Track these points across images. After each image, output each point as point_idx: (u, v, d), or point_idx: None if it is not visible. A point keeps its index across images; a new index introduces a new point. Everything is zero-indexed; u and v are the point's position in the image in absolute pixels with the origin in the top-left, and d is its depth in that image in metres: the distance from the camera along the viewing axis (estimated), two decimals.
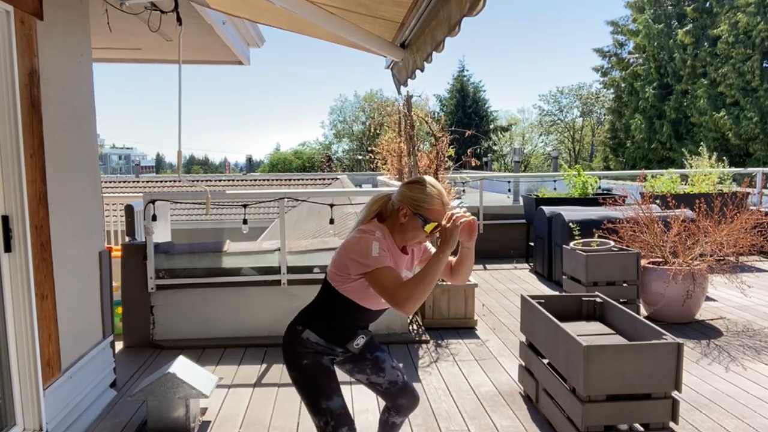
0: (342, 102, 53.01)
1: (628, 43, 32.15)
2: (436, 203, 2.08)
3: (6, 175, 2.70)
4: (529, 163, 44.86)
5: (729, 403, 3.49)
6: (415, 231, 2.10)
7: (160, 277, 4.68)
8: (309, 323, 2.17)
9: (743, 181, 7.44)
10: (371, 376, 2.32)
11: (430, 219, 2.07)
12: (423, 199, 2.08)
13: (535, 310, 3.48)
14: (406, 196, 2.11)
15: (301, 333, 2.16)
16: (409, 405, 2.38)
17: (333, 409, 2.10)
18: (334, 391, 2.14)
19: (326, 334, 2.15)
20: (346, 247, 2.09)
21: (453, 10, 2.40)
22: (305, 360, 2.14)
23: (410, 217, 2.08)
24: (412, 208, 2.08)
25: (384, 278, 1.99)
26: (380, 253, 2.01)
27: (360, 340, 2.21)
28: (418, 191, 2.10)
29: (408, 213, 2.09)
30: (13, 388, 2.75)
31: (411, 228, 2.10)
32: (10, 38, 2.66)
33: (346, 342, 2.19)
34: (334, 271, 2.12)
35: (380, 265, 2.00)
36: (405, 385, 2.36)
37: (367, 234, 2.07)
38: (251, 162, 35.60)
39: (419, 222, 2.07)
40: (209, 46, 5.07)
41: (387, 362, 2.34)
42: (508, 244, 8.54)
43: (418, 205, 2.08)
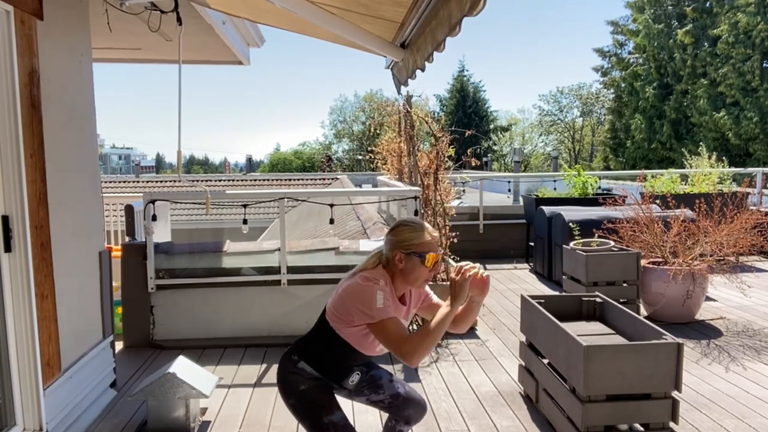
0: (342, 102, 53.03)
1: (628, 43, 32.16)
2: (424, 236, 2.10)
3: (6, 175, 2.70)
4: (529, 163, 44.85)
5: (729, 403, 3.49)
6: (415, 271, 2.10)
7: (160, 277, 4.67)
8: (305, 355, 2.17)
9: (743, 181, 7.44)
10: (370, 395, 2.32)
11: (424, 252, 2.08)
12: (410, 238, 2.10)
13: (535, 310, 3.48)
14: (393, 242, 2.12)
15: (296, 363, 2.16)
16: (417, 415, 2.37)
17: (336, 422, 2.11)
18: (335, 406, 2.15)
19: (321, 369, 2.16)
20: (349, 294, 2.08)
21: (453, 10, 2.40)
22: (302, 386, 2.15)
23: (405, 259, 2.09)
24: (403, 251, 2.09)
25: (389, 330, 2.00)
26: (384, 303, 2.02)
27: (355, 377, 2.22)
28: (402, 232, 2.12)
29: (402, 257, 2.10)
30: (13, 388, 2.75)
31: (410, 269, 2.10)
32: (10, 38, 2.66)
33: (341, 380, 2.20)
34: (335, 314, 2.11)
35: (385, 316, 2.01)
36: (408, 395, 2.35)
37: (371, 282, 2.06)
38: (251, 162, 35.60)
39: (416, 260, 2.08)
40: (209, 46, 5.08)
41: (383, 378, 2.33)
42: (508, 244, 8.54)
43: (407, 245, 2.09)
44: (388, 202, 7.48)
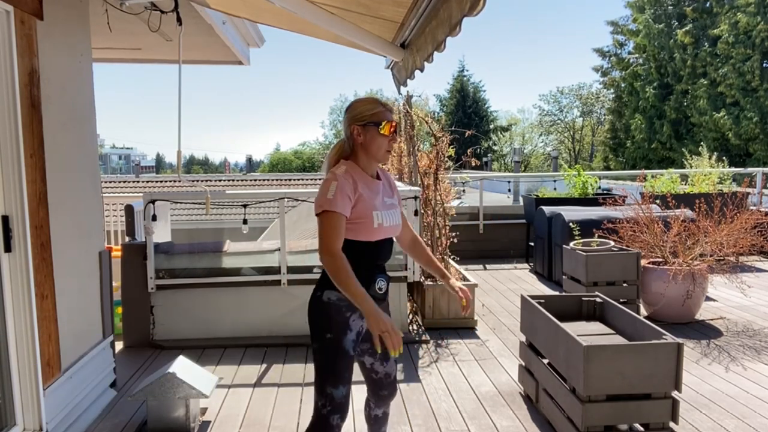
0: (342, 102, 53.02)
1: (628, 43, 32.18)
2: (376, 107, 2.16)
3: (6, 175, 2.70)
4: (529, 163, 44.87)
5: (729, 403, 3.49)
6: (375, 141, 2.14)
7: (160, 277, 4.67)
8: (326, 283, 2.17)
9: (743, 181, 7.44)
10: (376, 362, 2.33)
11: (378, 120, 2.13)
12: (363, 110, 2.16)
13: (535, 310, 3.48)
14: (348, 118, 2.19)
15: (321, 297, 2.16)
16: (389, 396, 2.41)
17: (335, 397, 2.12)
18: (343, 380, 2.14)
19: None
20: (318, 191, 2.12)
21: (454, 10, 2.41)
22: (328, 333, 2.14)
23: (363, 131, 2.14)
24: (359, 123, 2.15)
25: (326, 223, 2.04)
26: (335, 195, 2.04)
27: (381, 283, 2.21)
28: (355, 107, 2.19)
29: (359, 130, 2.15)
30: (13, 388, 2.75)
31: (370, 141, 2.15)
32: (10, 38, 2.66)
33: (367, 287, 2.13)
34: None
35: (330, 207, 2.04)
36: (394, 378, 2.41)
37: (331, 174, 2.11)
38: (251, 162, 35.63)
39: (373, 129, 2.13)
40: (209, 46, 5.08)
41: (392, 359, 2.37)
42: (508, 244, 8.54)
43: (361, 116, 2.15)
44: None
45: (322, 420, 2.13)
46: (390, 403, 2.46)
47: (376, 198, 2.17)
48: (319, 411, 2.13)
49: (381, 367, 2.34)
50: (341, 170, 2.12)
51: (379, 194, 2.20)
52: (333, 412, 2.13)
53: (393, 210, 2.25)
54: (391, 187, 2.32)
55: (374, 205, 2.15)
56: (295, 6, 3.04)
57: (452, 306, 5.08)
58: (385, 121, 2.13)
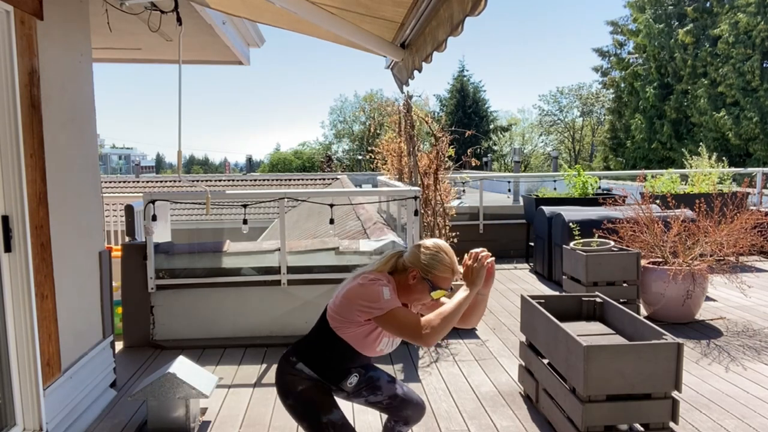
0: (342, 102, 53.08)
1: (628, 43, 32.16)
2: (446, 271, 2.11)
3: (6, 175, 2.70)
4: (529, 163, 44.86)
5: (729, 403, 3.48)
6: (421, 294, 2.13)
7: (160, 277, 4.67)
8: (304, 357, 2.17)
9: (743, 181, 7.44)
10: (369, 396, 2.31)
11: (439, 285, 2.09)
12: (435, 266, 2.10)
13: (535, 310, 3.48)
14: (419, 259, 2.12)
15: (295, 364, 2.17)
16: (416, 415, 2.38)
17: (334, 421, 2.11)
18: (333, 405, 2.16)
19: (319, 371, 2.16)
20: (355, 294, 2.07)
21: (455, 10, 2.40)
22: (300, 386, 2.15)
23: (419, 280, 2.10)
24: (422, 273, 2.10)
25: (400, 317, 2.01)
26: (391, 295, 2.04)
27: (353, 379, 2.22)
28: (432, 257, 2.11)
29: (417, 276, 2.10)
30: (13, 388, 2.75)
31: (418, 291, 2.12)
32: (10, 38, 2.66)
33: (339, 381, 2.20)
34: (336, 316, 2.10)
35: (394, 306, 2.02)
36: (406, 396, 2.36)
37: (376, 281, 2.07)
38: (251, 162, 35.62)
39: (427, 286, 2.09)
40: (209, 46, 5.07)
41: (382, 379, 2.33)
42: (508, 244, 8.53)
43: (428, 270, 2.09)
44: (388, 202, 7.48)
45: None
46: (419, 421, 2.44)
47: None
48: None
49: (378, 397, 2.32)
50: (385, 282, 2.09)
51: None
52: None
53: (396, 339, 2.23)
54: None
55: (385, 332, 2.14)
56: (295, 6, 3.04)
57: None
58: (441, 289, 2.10)
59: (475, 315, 2.23)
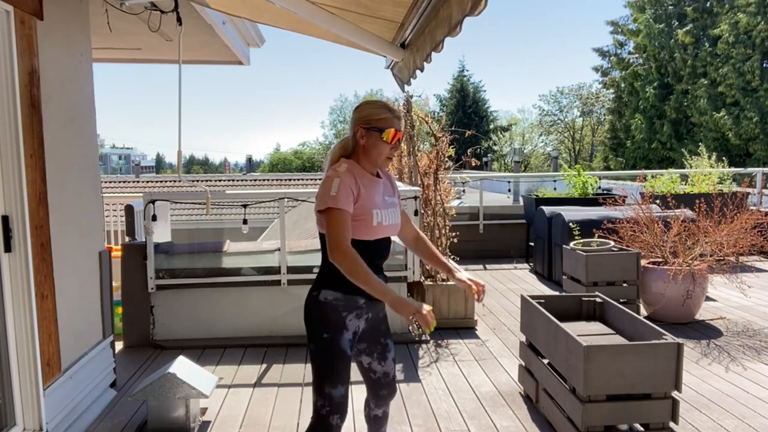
0: (342, 102, 53.07)
1: (628, 43, 32.17)
2: (383, 112, 2.16)
3: (6, 175, 2.70)
4: (529, 163, 44.87)
5: (729, 403, 3.49)
6: (377, 146, 2.15)
7: (160, 277, 4.67)
8: (322, 283, 2.18)
9: (743, 181, 7.44)
10: (374, 362, 2.33)
11: (384, 126, 2.13)
12: (370, 114, 2.16)
13: (535, 310, 3.48)
14: (355, 118, 2.19)
15: (318, 297, 2.17)
16: (388, 395, 2.41)
17: (333, 396, 2.12)
18: (341, 380, 2.14)
19: (341, 285, 2.12)
20: (319, 190, 2.12)
21: (454, 10, 2.41)
22: (325, 333, 2.13)
23: (366, 134, 2.14)
24: (364, 125, 2.14)
25: (334, 221, 2.03)
26: (339, 191, 2.04)
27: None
28: (363, 109, 2.19)
29: (363, 132, 2.15)
30: (13, 388, 2.75)
31: (372, 145, 2.15)
32: (10, 38, 2.66)
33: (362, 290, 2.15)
34: (317, 217, 2.15)
35: (333, 204, 2.03)
36: (393, 378, 2.40)
37: (333, 172, 2.11)
38: (251, 162, 35.65)
39: (376, 135, 2.13)
40: (209, 46, 5.08)
41: (391, 353, 2.37)
42: (508, 244, 8.53)
43: (368, 120, 2.15)
44: None
45: (322, 420, 2.13)
46: (390, 403, 2.45)
47: (376, 196, 2.17)
48: (318, 411, 2.13)
49: (379, 367, 2.33)
50: (342, 168, 2.12)
51: (380, 192, 2.20)
52: (332, 412, 2.12)
53: (393, 209, 2.24)
54: (392, 186, 2.32)
55: (374, 203, 2.14)
56: (295, 6, 3.04)
57: (452, 306, 5.08)
58: (390, 128, 2.13)
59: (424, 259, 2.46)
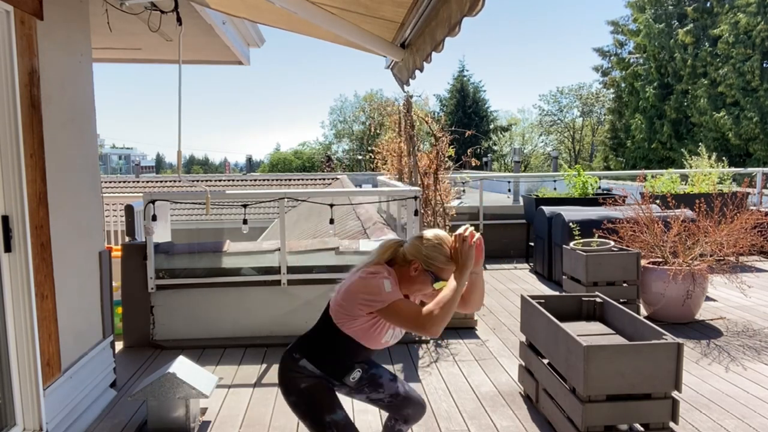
0: (342, 102, 53.07)
1: (629, 42, 32.16)
2: (449, 264, 2.11)
3: (6, 175, 2.70)
4: (529, 163, 44.86)
5: (729, 403, 3.49)
6: (423, 285, 2.13)
7: (160, 277, 4.67)
8: (306, 353, 2.17)
9: (743, 181, 7.44)
10: (370, 394, 2.32)
11: (441, 277, 2.09)
12: (436, 258, 2.10)
13: (535, 310, 3.48)
14: (420, 252, 2.11)
15: (298, 361, 2.17)
16: (416, 414, 2.38)
17: (338, 420, 2.12)
18: (336, 405, 2.16)
19: (322, 366, 2.16)
20: (357, 288, 2.07)
21: (453, 10, 2.40)
22: (303, 384, 2.15)
23: (421, 272, 2.11)
24: (424, 265, 2.10)
25: (404, 309, 2.02)
26: (393, 288, 2.04)
27: (356, 374, 2.22)
28: (433, 249, 2.10)
29: (420, 268, 2.11)
30: (13, 388, 2.75)
31: (420, 282, 2.12)
32: (10, 38, 2.66)
33: (342, 377, 2.20)
34: (339, 311, 2.10)
35: (396, 298, 2.03)
36: (407, 394, 2.36)
37: (377, 274, 2.07)
38: (251, 162, 35.62)
39: (429, 278, 2.10)
40: (209, 46, 5.07)
41: (384, 377, 2.33)
42: (508, 244, 8.54)
43: (430, 262, 2.10)
44: (388, 202, 7.48)
45: None
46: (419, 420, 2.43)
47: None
48: None
49: (379, 395, 2.32)
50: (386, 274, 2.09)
51: None
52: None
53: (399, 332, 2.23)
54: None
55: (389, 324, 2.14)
56: (295, 6, 3.04)
57: None
58: (444, 281, 2.10)
59: (475, 295, 2.21)
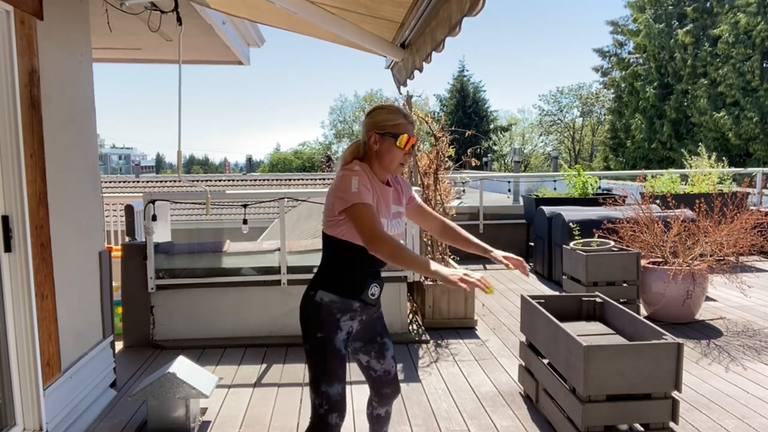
0: (342, 102, 53.09)
1: (628, 43, 32.16)
2: (398, 118, 2.14)
3: (6, 175, 2.70)
4: (529, 163, 44.86)
5: (729, 403, 3.49)
6: (390, 152, 2.14)
7: (160, 277, 4.67)
8: (320, 284, 2.17)
9: (743, 181, 7.44)
10: (372, 360, 2.33)
11: (398, 132, 2.12)
12: (384, 119, 2.14)
13: (535, 310, 3.48)
14: (368, 123, 2.17)
15: (314, 297, 2.15)
16: (392, 394, 2.40)
17: (330, 395, 2.12)
18: (337, 378, 2.14)
19: (338, 288, 2.14)
20: (332, 188, 2.11)
21: (453, 10, 2.41)
22: (320, 333, 2.13)
23: (380, 140, 2.13)
24: (378, 131, 2.13)
25: (362, 214, 2.01)
26: (360, 188, 2.04)
27: (374, 289, 2.20)
28: (378, 114, 2.17)
29: (377, 138, 2.13)
30: (13, 388, 2.75)
31: (386, 150, 2.14)
32: (10, 38, 2.66)
33: (360, 293, 2.16)
34: (325, 218, 2.14)
35: (358, 200, 2.02)
36: (395, 376, 2.40)
37: (347, 171, 2.10)
38: (251, 162, 35.64)
39: (390, 140, 2.12)
40: (209, 46, 5.07)
41: (389, 351, 2.37)
42: (508, 244, 8.51)
43: (382, 125, 2.13)
44: None
45: (321, 419, 2.13)
46: (392, 403, 2.45)
47: (384, 205, 2.18)
48: (317, 410, 2.13)
49: (378, 365, 2.33)
50: (357, 169, 2.11)
51: (388, 202, 2.20)
52: (330, 411, 2.12)
53: (398, 219, 2.24)
54: (399, 195, 2.31)
55: (382, 212, 2.14)
56: (295, 6, 3.04)
57: (452, 306, 5.08)
58: (404, 134, 2.11)
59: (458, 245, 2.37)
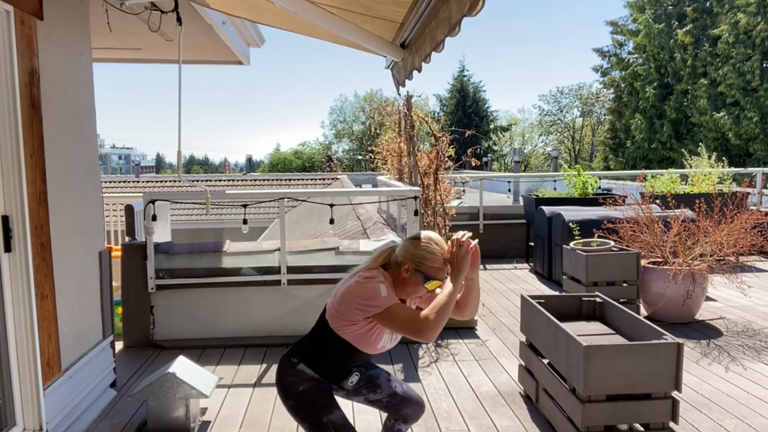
0: (342, 102, 53.05)
1: (628, 43, 32.14)
2: (438, 262, 2.11)
3: (6, 175, 2.70)
4: (529, 163, 44.86)
5: (729, 403, 3.49)
6: (415, 286, 2.13)
7: (160, 277, 4.67)
8: (304, 357, 2.18)
9: (743, 181, 7.44)
10: (368, 395, 2.32)
11: (432, 276, 2.10)
12: (425, 257, 2.10)
13: (535, 310, 3.48)
14: (409, 252, 2.12)
15: (296, 365, 2.17)
16: (415, 413, 2.38)
17: (335, 421, 2.12)
18: (334, 406, 2.16)
19: (321, 369, 2.17)
20: (351, 293, 2.08)
21: (453, 10, 2.40)
22: (301, 387, 2.15)
23: (412, 272, 2.11)
24: (414, 265, 2.10)
25: (398, 313, 2.02)
26: (389, 292, 2.05)
27: (354, 377, 2.22)
28: (421, 248, 2.12)
29: (410, 269, 2.11)
30: (13, 388, 2.75)
31: (412, 283, 2.13)
32: (10, 38, 2.66)
33: (340, 381, 2.20)
34: (336, 315, 2.11)
35: (392, 303, 2.03)
36: (405, 394, 2.36)
37: (372, 278, 2.08)
38: (251, 162, 35.60)
39: (420, 278, 2.10)
40: (209, 46, 5.07)
41: (381, 377, 2.34)
42: (508, 244, 8.54)
43: (420, 262, 2.10)
44: (388, 202, 7.48)
45: None
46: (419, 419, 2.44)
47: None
48: None
49: (377, 395, 2.32)
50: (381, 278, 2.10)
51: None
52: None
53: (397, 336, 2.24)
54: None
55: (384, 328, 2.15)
56: (295, 6, 3.04)
57: None
58: (437, 281, 2.11)
59: (471, 303, 2.21)
